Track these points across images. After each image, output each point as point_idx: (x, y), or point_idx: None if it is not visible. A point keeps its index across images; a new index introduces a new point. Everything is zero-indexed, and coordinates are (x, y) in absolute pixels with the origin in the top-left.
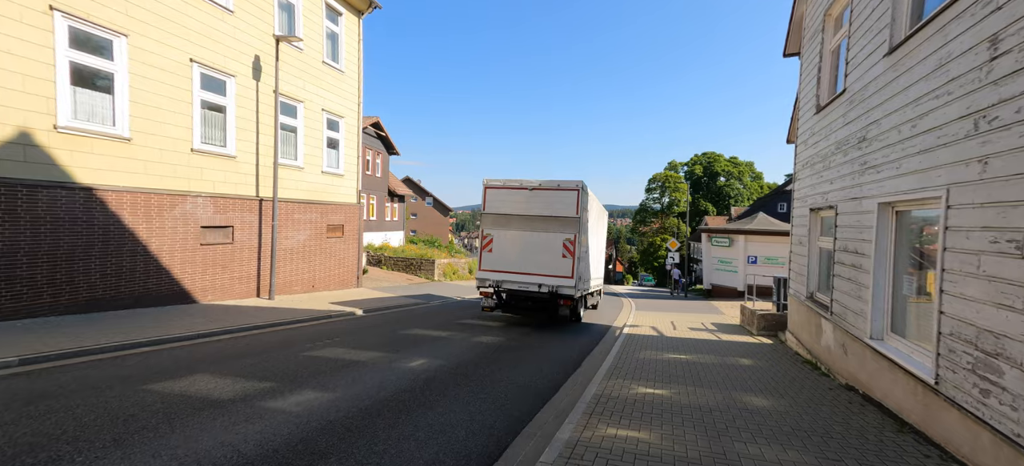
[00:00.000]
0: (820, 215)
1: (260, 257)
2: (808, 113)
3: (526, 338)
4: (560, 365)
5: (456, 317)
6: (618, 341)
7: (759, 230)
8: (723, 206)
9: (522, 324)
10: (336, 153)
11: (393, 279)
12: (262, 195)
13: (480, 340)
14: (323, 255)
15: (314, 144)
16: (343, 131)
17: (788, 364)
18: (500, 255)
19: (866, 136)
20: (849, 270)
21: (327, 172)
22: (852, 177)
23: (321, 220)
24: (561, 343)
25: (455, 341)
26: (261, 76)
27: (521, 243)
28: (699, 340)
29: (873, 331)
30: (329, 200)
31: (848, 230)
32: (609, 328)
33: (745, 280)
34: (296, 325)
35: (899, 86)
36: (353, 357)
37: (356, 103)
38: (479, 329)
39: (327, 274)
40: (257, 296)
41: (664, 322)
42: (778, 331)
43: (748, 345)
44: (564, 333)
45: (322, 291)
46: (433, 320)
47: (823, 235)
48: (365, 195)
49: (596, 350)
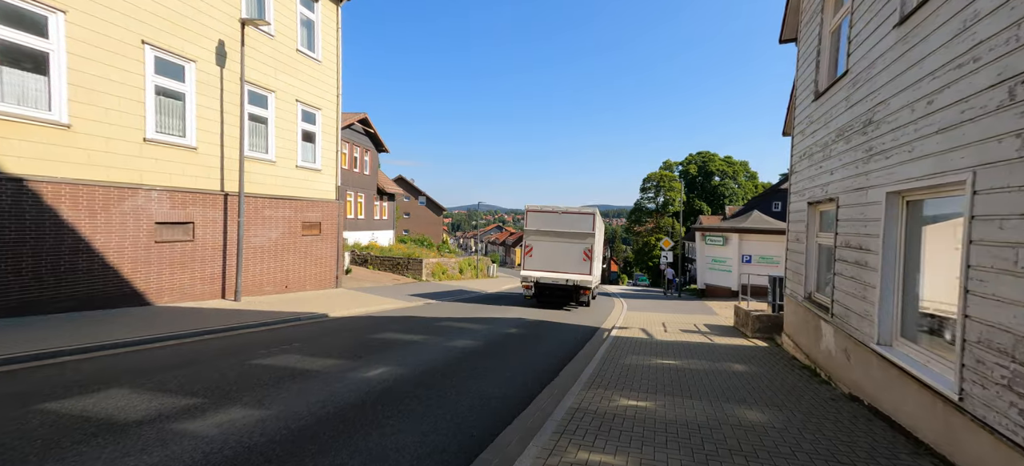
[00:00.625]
0: (819, 209)
1: (226, 256)
2: (806, 101)
3: (506, 342)
4: (537, 372)
5: (437, 318)
6: (604, 345)
7: (754, 228)
8: (718, 206)
9: (506, 327)
10: (312, 147)
11: (378, 279)
12: (228, 189)
13: (455, 344)
14: (298, 254)
15: (287, 137)
16: (320, 124)
17: (785, 370)
18: (538, 259)
19: (872, 119)
20: (852, 268)
21: (303, 167)
22: (855, 166)
23: (295, 217)
24: (542, 347)
25: (428, 346)
26: (226, 63)
27: (552, 251)
28: (690, 343)
29: (880, 336)
30: (305, 196)
31: (851, 224)
32: (596, 330)
33: (739, 280)
34: (255, 329)
35: (912, 59)
36: (306, 366)
37: (335, 95)
38: (457, 332)
39: (303, 274)
40: (222, 297)
41: (655, 323)
42: (774, 333)
43: (742, 349)
44: (548, 336)
45: (297, 292)
46: (410, 323)
47: (822, 231)
48: (352, 193)
49: (579, 355)
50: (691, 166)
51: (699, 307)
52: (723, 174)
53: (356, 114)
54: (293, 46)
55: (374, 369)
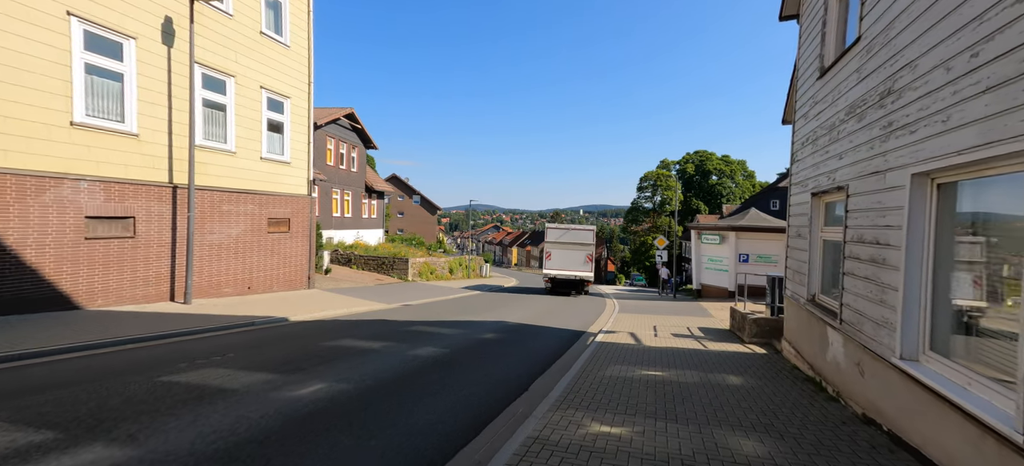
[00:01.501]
0: (824, 201)
1: (175, 254)
2: (809, 80)
3: (478, 349)
4: (503, 387)
5: (409, 322)
6: (586, 353)
7: (751, 227)
8: (715, 205)
9: (483, 331)
10: (280, 138)
11: (360, 279)
12: (177, 182)
13: (418, 353)
14: (263, 252)
15: (250, 126)
16: (289, 113)
17: (786, 384)
18: (554, 262)
19: (892, 88)
20: (867, 267)
21: (269, 159)
22: (870, 146)
23: (260, 212)
24: (516, 355)
25: (385, 355)
26: (174, 42)
27: (564, 255)
28: (682, 350)
29: (904, 349)
30: (271, 190)
31: (865, 215)
32: (581, 335)
33: (736, 280)
34: (193, 337)
35: (950, 3)
36: (227, 383)
37: (305, 82)
38: (425, 338)
39: (269, 274)
40: (171, 300)
41: (646, 327)
42: (772, 339)
43: (738, 356)
44: (526, 341)
45: (261, 294)
46: (376, 327)
47: (828, 225)
48: (338, 190)
49: (556, 366)
50: (688, 165)
51: (694, 308)
52: (720, 173)
53: (342, 108)
54: (256, 28)
55: (310, 385)
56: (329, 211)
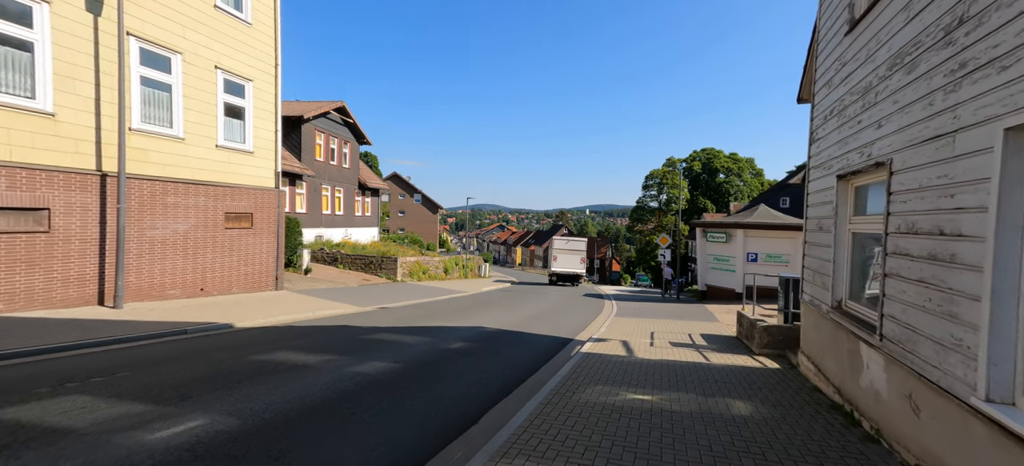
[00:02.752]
0: (853, 184)
1: (104, 252)
2: (835, 38)
3: (438, 363)
4: (445, 418)
5: (371, 328)
6: (565, 367)
7: (760, 224)
8: (722, 203)
9: (453, 339)
10: (240, 125)
11: (343, 279)
12: (107, 169)
13: (361, 370)
14: (220, 250)
15: (202, 110)
16: (251, 98)
17: (808, 414)
18: (559, 263)
19: (966, 14)
20: (923, 266)
21: (226, 147)
22: (928, 102)
23: (215, 206)
24: (481, 370)
25: (319, 373)
26: (102, 9)
27: (566, 259)
28: (679, 364)
29: (992, 385)
30: (229, 182)
31: (920, 197)
32: (568, 343)
33: (744, 281)
34: (100, 349)
35: None
36: (71, 420)
37: (271, 65)
38: (380, 349)
39: (227, 274)
40: (99, 304)
41: (642, 333)
42: (787, 350)
43: (746, 373)
44: (500, 351)
45: (216, 296)
46: (328, 335)
47: (859, 214)
48: (329, 187)
49: (524, 386)
50: (695, 163)
51: (698, 311)
52: (728, 171)
53: (331, 102)
54: (210, 2)
55: (184, 422)
56: (319, 208)
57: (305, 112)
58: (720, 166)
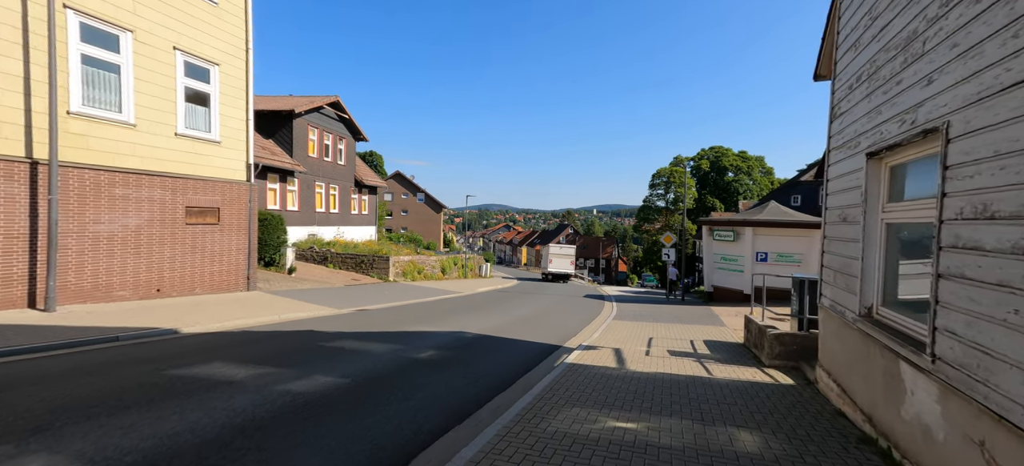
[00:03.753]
0: (888, 162)
1: (36, 249)
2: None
3: (399, 375)
4: (366, 457)
5: (334, 334)
6: (543, 382)
7: (770, 221)
8: (731, 203)
9: (424, 347)
10: (206, 112)
11: (331, 279)
12: (38, 156)
13: (295, 388)
14: (180, 248)
15: (158, 94)
16: (217, 83)
17: (833, 451)
18: (553, 265)
19: None
20: (1004, 265)
21: (188, 136)
22: (1013, 32)
23: (174, 200)
24: (443, 385)
25: (246, 391)
26: None
27: (558, 261)
28: (676, 379)
29: None
30: (192, 173)
31: (999, 169)
32: (554, 350)
33: (753, 282)
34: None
35: None
36: None
37: (242, 49)
38: (337, 358)
39: (189, 273)
40: (30, 307)
41: (639, 339)
42: (802, 362)
43: (755, 391)
44: (474, 362)
45: (176, 297)
46: (281, 342)
47: (896, 200)
48: (323, 184)
49: (487, 409)
50: (703, 161)
51: (703, 314)
52: (737, 169)
53: (325, 96)
54: None
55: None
56: (312, 206)
57: (296, 107)
58: (729, 165)
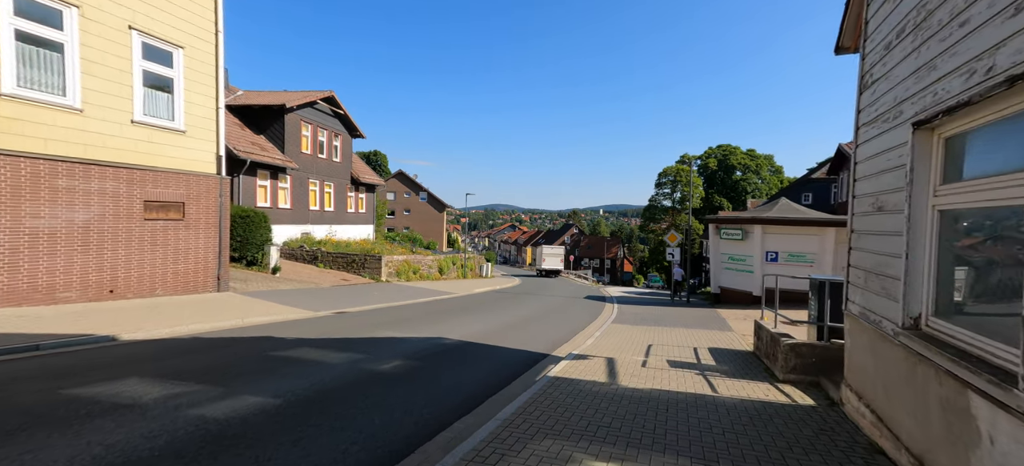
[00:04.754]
0: (943, 133)
1: None
2: None
3: (341, 395)
4: None
5: (290, 341)
6: (517, 401)
7: (781, 219)
8: (740, 202)
9: (391, 356)
10: (168, 98)
11: (319, 279)
12: None
13: (210, 413)
14: (137, 245)
15: (111, 78)
16: (181, 68)
17: None
18: (546, 263)
19: None
20: None
21: (147, 124)
22: None
23: (131, 193)
24: (401, 405)
25: (145, 417)
26: None
27: (551, 259)
28: (675, 398)
29: None
30: (152, 164)
31: None
32: (541, 359)
33: (763, 283)
34: None
35: None
36: None
37: (210, 31)
38: (282, 371)
39: (148, 273)
40: None
41: (637, 347)
42: (822, 376)
43: (768, 414)
44: (442, 375)
45: (132, 299)
46: (226, 353)
47: (953, 180)
48: (317, 181)
49: (438, 442)
50: (710, 160)
51: (709, 317)
52: (745, 168)
53: (319, 91)
54: None
55: None
56: (305, 204)
57: (287, 101)
58: (737, 163)
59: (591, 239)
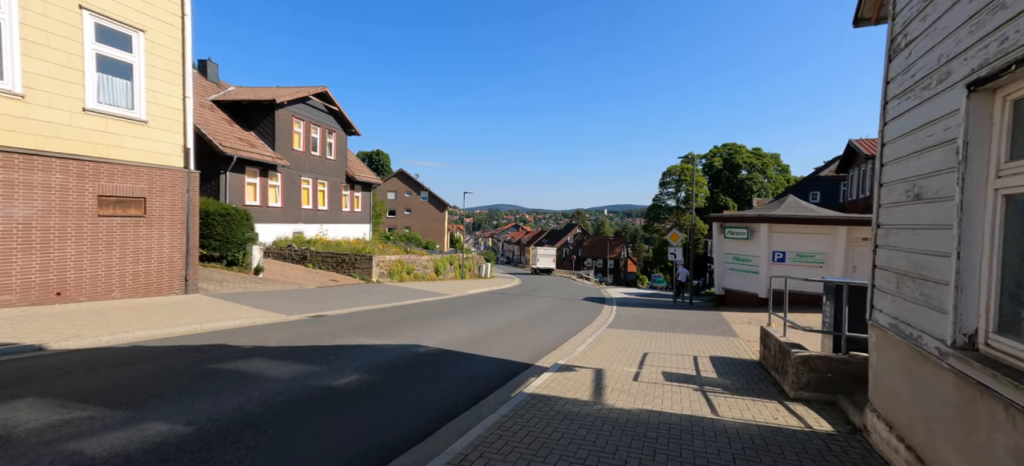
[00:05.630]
0: (1008, 94)
1: None
2: None
3: (271, 420)
4: None
5: (237, 350)
6: (480, 427)
7: (789, 217)
8: (745, 201)
9: (348, 369)
10: (127, 85)
11: (305, 280)
12: None
13: (87, 447)
14: (90, 244)
15: (58, 61)
16: (142, 52)
17: None
18: (539, 261)
19: None
20: None
21: (101, 112)
22: None
23: (82, 187)
24: (339, 432)
25: (16, 457)
26: None
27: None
28: (667, 421)
29: None
30: (107, 156)
31: None
32: (522, 371)
33: (769, 284)
34: None
35: None
36: None
37: (176, 14)
38: (221, 385)
39: (102, 274)
40: None
41: (630, 355)
42: (839, 394)
43: (779, 443)
44: (410, 386)
45: (84, 302)
46: (160, 365)
47: (1021, 157)
48: (310, 179)
49: None
50: (716, 159)
51: (712, 321)
52: (751, 167)
53: (311, 87)
54: None
55: None
56: (297, 202)
57: (277, 97)
58: (742, 162)
59: (594, 239)
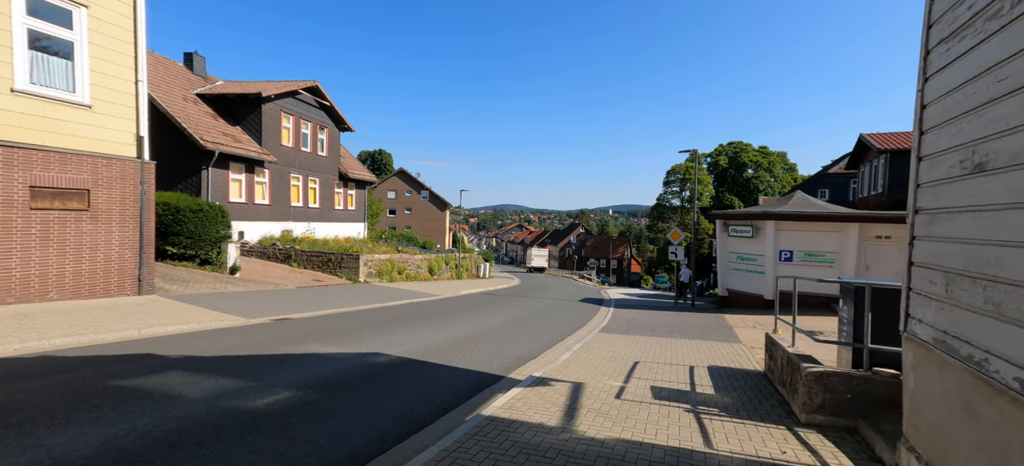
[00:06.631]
0: None
1: None
2: None
3: (137, 457)
4: None
5: (173, 359)
6: (410, 464)
7: (796, 214)
8: (751, 200)
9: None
10: (67, 65)
11: (286, 280)
12: None
13: None
14: (21, 239)
15: None
16: (84, 30)
17: None
18: (535, 261)
19: None
20: None
21: (34, 94)
22: None
23: (10, 176)
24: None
25: None
26: None
27: (540, 259)
28: (643, 455)
29: None
30: (42, 143)
31: None
32: (491, 384)
33: (776, 285)
34: None
35: None
36: None
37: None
38: (92, 407)
39: (36, 274)
40: None
41: (617, 367)
42: (862, 421)
43: None
44: (343, 408)
45: (10, 305)
46: (46, 382)
47: None
48: (300, 176)
49: None
50: (721, 158)
51: (714, 324)
52: (757, 165)
53: (300, 81)
54: None
55: None
56: (286, 200)
57: (264, 90)
58: (748, 161)
59: (597, 239)
